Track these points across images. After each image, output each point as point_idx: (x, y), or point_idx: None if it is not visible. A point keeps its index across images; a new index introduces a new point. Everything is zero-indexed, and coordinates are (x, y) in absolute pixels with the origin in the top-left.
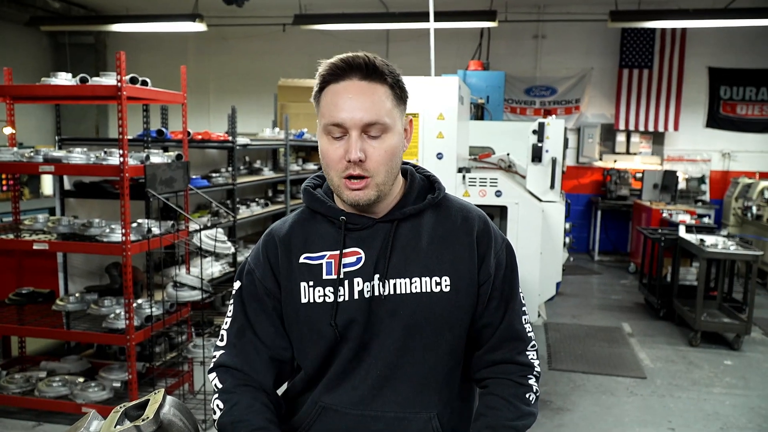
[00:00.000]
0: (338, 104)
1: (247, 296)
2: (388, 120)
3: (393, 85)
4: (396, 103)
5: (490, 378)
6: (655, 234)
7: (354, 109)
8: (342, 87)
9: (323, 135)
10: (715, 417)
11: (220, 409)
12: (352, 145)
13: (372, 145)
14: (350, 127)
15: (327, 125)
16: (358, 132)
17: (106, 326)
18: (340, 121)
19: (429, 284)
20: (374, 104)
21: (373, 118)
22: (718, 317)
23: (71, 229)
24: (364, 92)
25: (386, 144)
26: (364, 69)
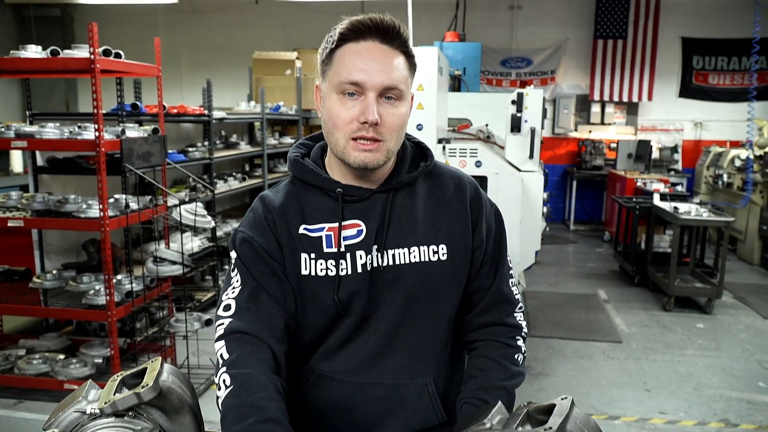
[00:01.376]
0: (357, 64)
1: (250, 262)
2: (404, 87)
3: (409, 54)
4: (410, 73)
5: (480, 340)
6: (630, 202)
7: (375, 71)
8: (363, 47)
9: (334, 94)
10: (688, 378)
11: (226, 385)
12: (369, 107)
13: (387, 110)
14: (369, 88)
15: (342, 83)
16: (375, 94)
17: (86, 302)
18: (359, 81)
19: (427, 253)
20: (394, 69)
21: (393, 83)
22: (690, 282)
23: (46, 205)
24: (385, 56)
25: (399, 111)
26: (388, 33)
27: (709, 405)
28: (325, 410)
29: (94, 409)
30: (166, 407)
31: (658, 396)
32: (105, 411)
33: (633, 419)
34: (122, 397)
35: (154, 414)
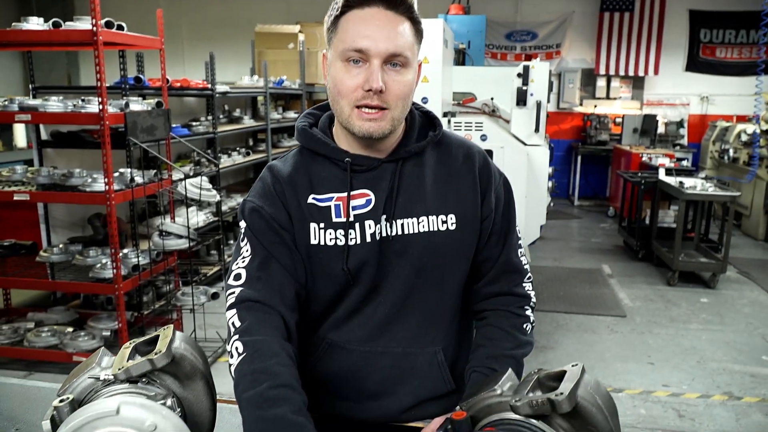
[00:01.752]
0: (361, 31)
1: (260, 232)
2: (410, 54)
3: (415, 20)
4: (416, 40)
5: (489, 310)
6: (635, 177)
7: (380, 38)
8: (368, 14)
9: (338, 61)
10: (692, 351)
11: (239, 352)
12: (373, 74)
13: (392, 77)
14: (373, 55)
15: (347, 50)
16: (380, 62)
17: (93, 276)
18: (363, 48)
19: (435, 223)
20: (399, 36)
21: (398, 50)
22: (695, 257)
23: (51, 179)
24: (390, 22)
25: (405, 78)
26: None
27: (713, 378)
28: (335, 379)
29: (108, 375)
30: (179, 374)
31: (661, 369)
32: (119, 377)
33: (637, 392)
34: (135, 364)
35: (167, 380)
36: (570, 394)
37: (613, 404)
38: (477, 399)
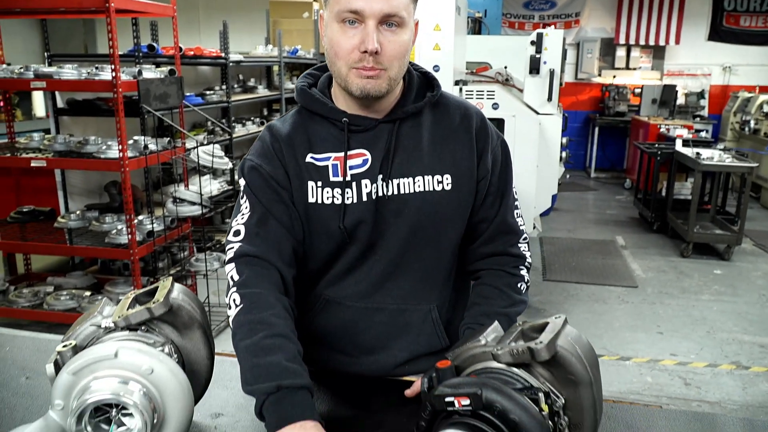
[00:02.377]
0: None
1: (258, 189)
2: (405, 14)
3: None
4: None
5: (484, 269)
6: (652, 148)
7: None
8: None
9: (334, 23)
10: (702, 321)
11: (236, 304)
12: (368, 35)
13: (388, 38)
14: (368, 16)
15: (342, 11)
16: (375, 22)
17: (108, 242)
18: (358, 9)
19: (431, 183)
20: None
21: (393, 10)
22: (710, 229)
23: (67, 146)
24: None
25: (401, 38)
26: None
27: (722, 348)
28: (331, 334)
29: (109, 323)
30: (177, 323)
31: (670, 339)
32: (119, 325)
33: (644, 360)
34: (134, 312)
35: (165, 329)
36: (549, 343)
37: (594, 355)
38: (462, 349)
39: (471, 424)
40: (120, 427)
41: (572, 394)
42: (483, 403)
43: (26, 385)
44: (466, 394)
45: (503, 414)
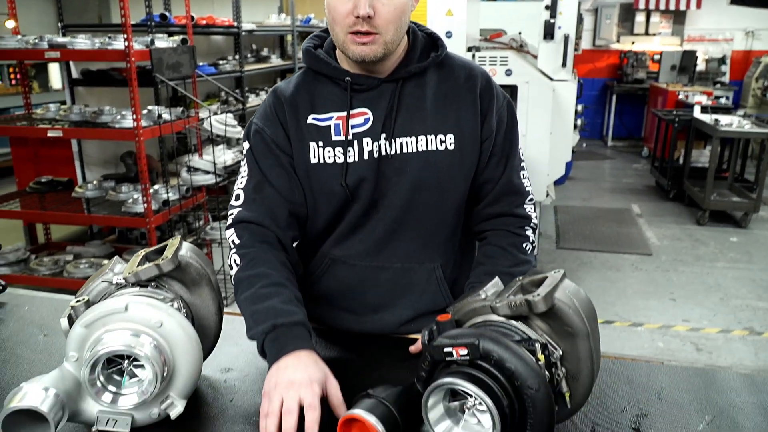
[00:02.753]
0: None
1: (259, 154)
2: None
3: None
4: None
5: (489, 230)
6: (669, 115)
7: None
8: None
9: None
10: (716, 288)
11: (237, 264)
12: (360, 0)
13: (381, 1)
14: None
15: None
16: None
17: (125, 210)
18: None
19: (434, 142)
20: None
21: None
22: (727, 196)
23: (83, 117)
24: None
25: (396, 1)
26: None
27: (735, 314)
28: (337, 293)
29: (120, 279)
30: (186, 280)
31: (683, 305)
32: (129, 280)
33: (656, 326)
34: (144, 268)
35: (174, 286)
36: (546, 296)
37: (591, 309)
38: (462, 303)
39: (468, 373)
40: (132, 378)
41: (570, 346)
42: (480, 352)
43: (44, 342)
44: (464, 345)
45: (500, 363)
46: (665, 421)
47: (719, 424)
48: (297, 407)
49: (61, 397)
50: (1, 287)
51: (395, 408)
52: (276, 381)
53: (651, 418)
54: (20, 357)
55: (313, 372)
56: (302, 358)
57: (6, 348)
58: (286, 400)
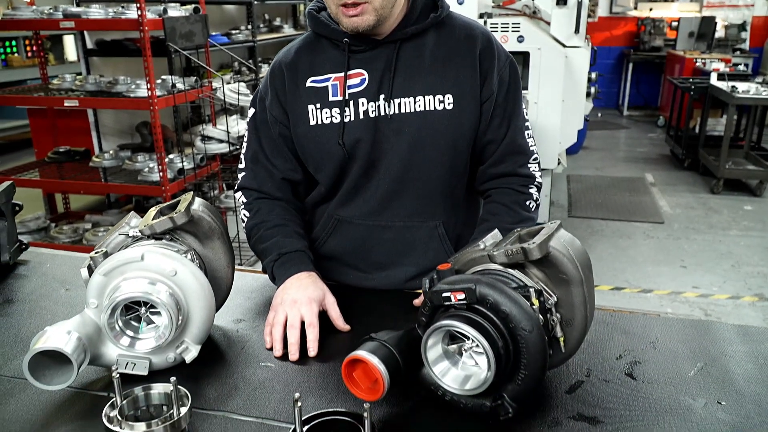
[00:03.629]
0: None
1: (260, 123)
2: None
3: None
4: None
5: (493, 189)
6: (685, 83)
7: None
8: None
9: None
10: (728, 256)
11: (246, 217)
12: None
13: None
14: None
15: None
16: None
17: (141, 179)
18: None
19: (432, 102)
20: None
21: None
22: (742, 165)
23: (98, 86)
24: None
25: None
26: None
27: (745, 281)
28: (344, 252)
29: (136, 232)
30: (198, 233)
31: (693, 272)
32: (144, 233)
33: (665, 293)
34: (158, 221)
35: (187, 239)
36: (541, 244)
37: (586, 258)
38: (462, 254)
39: (465, 316)
40: (149, 325)
41: (564, 293)
42: (477, 297)
43: (65, 295)
44: (461, 289)
45: (495, 306)
46: (658, 368)
47: (710, 371)
48: (299, 323)
49: (83, 341)
50: (24, 246)
51: (396, 350)
52: (281, 299)
53: (644, 365)
54: (44, 309)
55: (312, 291)
56: (303, 279)
57: (30, 300)
58: (290, 317)
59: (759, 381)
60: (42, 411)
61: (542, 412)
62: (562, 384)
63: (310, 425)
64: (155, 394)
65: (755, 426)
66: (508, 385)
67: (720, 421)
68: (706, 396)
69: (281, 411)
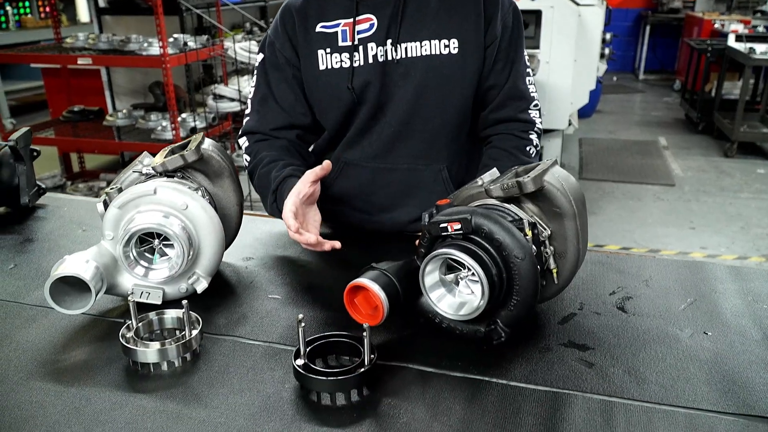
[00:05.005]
0: None
1: (270, 67)
2: None
3: None
4: None
5: (495, 134)
6: (702, 45)
7: None
8: None
9: None
10: (737, 218)
11: (247, 161)
12: None
13: None
14: None
15: None
16: None
17: (154, 137)
18: None
19: (438, 47)
20: None
21: None
22: (758, 128)
23: (111, 45)
24: None
25: None
26: None
27: (754, 242)
28: (351, 194)
29: (148, 170)
30: (208, 171)
31: (702, 233)
32: (157, 170)
33: (672, 253)
34: (170, 159)
35: (198, 177)
36: (536, 177)
37: (580, 193)
38: (460, 190)
39: (461, 245)
40: (162, 257)
41: (558, 226)
42: (472, 226)
43: (83, 235)
44: (457, 220)
45: (489, 235)
46: (649, 303)
47: (699, 306)
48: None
49: (101, 269)
50: (42, 190)
51: (396, 278)
52: None
53: (636, 300)
54: (62, 247)
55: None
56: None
57: (50, 239)
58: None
59: (745, 315)
60: (63, 335)
61: (535, 339)
62: (555, 316)
63: (313, 345)
64: (168, 319)
65: (738, 354)
66: (501, 311)
67: (704, 348)
68: (693, 327)
69: (286, 336)
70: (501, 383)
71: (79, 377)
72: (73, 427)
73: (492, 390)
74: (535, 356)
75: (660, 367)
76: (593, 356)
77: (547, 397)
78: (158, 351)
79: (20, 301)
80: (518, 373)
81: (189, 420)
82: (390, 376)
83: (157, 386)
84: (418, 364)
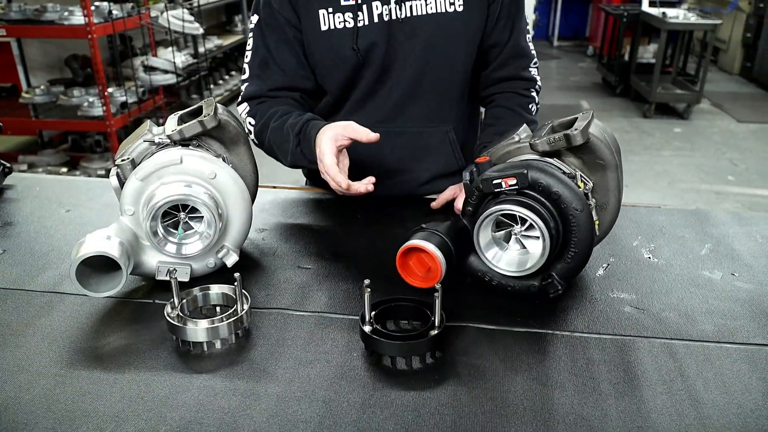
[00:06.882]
0: None
1: (267, 28)
2: None
3: None
4: None
5: (497, 93)
6: (618, 10)
7: None
8: None
9: None
10: (664, 174)
11: (251, 125)
12: None
13: None
14: None
15: None
16: None
17: (81, 115)
18: None
19: (443, 4)
20: None
21: None
22: (671, 90)
23: (24, 15)
24: None
25: None
26: None
27: (682, 196)
28: (359, 160)
29: (163, 138)
30: (224, 138)
31: (635, 190)
32: (173, 138)
33: None
34: (188, 125)
35: (214, 145)
36: (583, 129)
37: (617, 144)
38: (497, 147)
39: (520, 200)
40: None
41: (600, 178)
42: (529, 181)
43: (68, 216)
44: (513, 175)
45: (546, 189)
46: (672, 250)
47: (718, 250)
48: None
49: (126, 246)
50: (8, 170)
51: (448, 238)
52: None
53: (660, 249)
54: (51, 228)
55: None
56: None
57: (34, 221)
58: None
59: (763, 255)
60: (90, 320)
61: (580, 291)
62: (591, 268)
63: (379, 309)
64: (213, 295)
65: None
66: (557, 264)
67: (739, 288)
68: (722, 270)
69: (333, 305)
70: (565, 334)
71: (127, 363)
72: (144, 416)
73: (559, 342)
74: (587, 307)
75: (705, 308)
76: (642, 303)
77: (614, 345)
78: (210, 329)
79: (27, 288)
80: (579, 323)
81: (266, 397)
82: (455, 336)
83: (218, 365)
84: (478, 322)
